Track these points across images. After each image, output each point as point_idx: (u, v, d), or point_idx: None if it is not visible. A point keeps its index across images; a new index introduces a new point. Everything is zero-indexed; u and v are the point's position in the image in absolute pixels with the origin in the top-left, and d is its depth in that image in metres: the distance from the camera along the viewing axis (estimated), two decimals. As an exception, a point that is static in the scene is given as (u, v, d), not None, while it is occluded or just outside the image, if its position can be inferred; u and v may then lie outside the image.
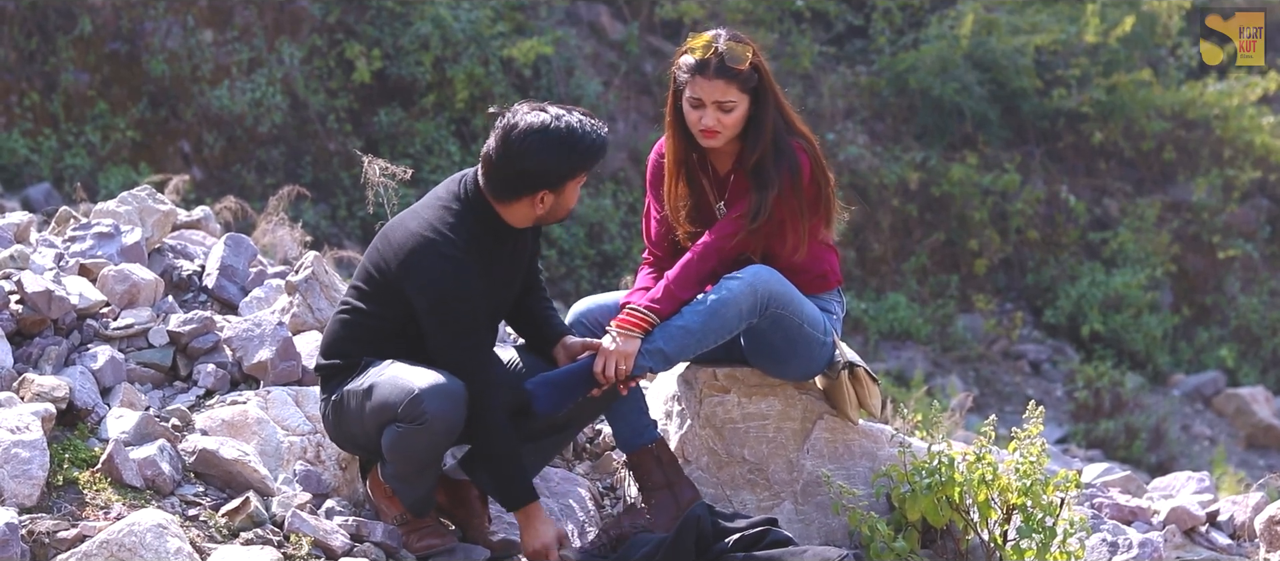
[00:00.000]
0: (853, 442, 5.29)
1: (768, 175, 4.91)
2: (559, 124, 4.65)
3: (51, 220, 6.35)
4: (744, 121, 4.94)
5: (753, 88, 4.91)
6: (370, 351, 4.72)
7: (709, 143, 4.96)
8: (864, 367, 5.15)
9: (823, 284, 5.13)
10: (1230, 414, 14.08)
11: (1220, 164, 15.88)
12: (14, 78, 12.55)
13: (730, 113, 4.91)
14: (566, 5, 14.94)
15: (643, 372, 4.86)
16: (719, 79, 4.88)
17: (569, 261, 13.60)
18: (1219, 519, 6.13)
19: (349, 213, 13.16)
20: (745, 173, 4.99)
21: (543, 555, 4.73)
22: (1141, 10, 16.15)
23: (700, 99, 4.91)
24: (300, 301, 5.68)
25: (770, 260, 5.00)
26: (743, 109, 4.92)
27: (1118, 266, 15.06)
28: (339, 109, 13.52)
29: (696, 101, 4.92)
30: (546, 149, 4.63)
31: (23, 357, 5.11)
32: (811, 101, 14.98)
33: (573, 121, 4.67)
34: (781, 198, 4.91)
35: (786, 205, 4.93)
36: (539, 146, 4.63)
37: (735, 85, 4.88)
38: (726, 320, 4.88)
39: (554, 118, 4.66)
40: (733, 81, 4.88)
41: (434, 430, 4.53)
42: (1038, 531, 4.89)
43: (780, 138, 4.94)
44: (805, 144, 4.98)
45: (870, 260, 14.93)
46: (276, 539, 4.58)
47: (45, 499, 4.49)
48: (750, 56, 4.89)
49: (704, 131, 4.93)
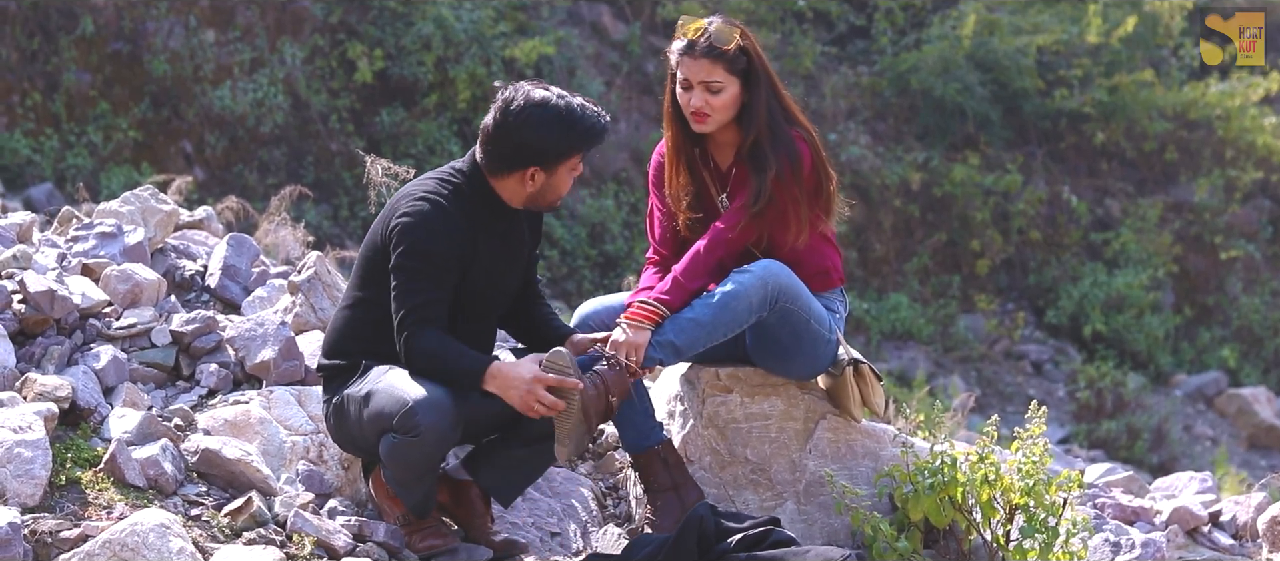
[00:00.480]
0: (855, 443, 5.28)
1: (764, 159, 4.92)
2: (559, 102, 4.67)
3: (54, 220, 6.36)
4: (737, 106, 4.95)
5: (742, 70, 4.92)
6: (370, 350, 4.72)
7: (700, 126, 4.97)
8: (868, 365, 5.15)
9: (825, 281, 5.13)
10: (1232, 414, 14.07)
11: (1222, 164, 15.87)
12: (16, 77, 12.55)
13: (718, 94, 4.92)
14: (568, 5, 14.94)
15: (653, 364, 4.86)
16: (705, 59, 4.90)
17: (571, 261, 13.60)
18: (1221, 519, 6.13)
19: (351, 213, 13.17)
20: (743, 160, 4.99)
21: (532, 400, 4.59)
22: (1143, 11, 16.15)
23: (689, 80, 4.93)
24: (303, 301, 5.68)
25: (772, 249, 5.01)
26: (733, 92, 4.92)
27: (1119, 267, 15.06)
28: (341, 109, 13.53)
29: (686, 83, 4.95)
30: (543, 123, 4.64)
31: (25, 357, 5.11)
32: (813, 102, 14.97)
33: (574, 102, 4.69)
34: (780, 182, 4.91)
35: (786, 191, 4.92)
36: (536, 120, 4.64)
37: (721, 65, 4.90)
38: (737, 313, 4.88)
39: (556, 96, 4.68)
40: (719, 62, 4.89)
41: (427, 442, 4.54)
42: (1040, 531, 4.89)
43: (776, 123, 4.94)
44: (805, 134, 4.99)
45: (872, 260, 14.93)
46: (279, 539, 4.58)
47: (48, 498, 4.49)
48: (737, 37, 4.90)
49: (694, 114, 4.94)
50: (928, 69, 15.40)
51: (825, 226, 5.10)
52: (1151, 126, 15.74)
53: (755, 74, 4.93)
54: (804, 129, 5.00)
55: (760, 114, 4.92)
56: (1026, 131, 15.78)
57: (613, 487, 5.55)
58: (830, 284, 5.15)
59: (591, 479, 5.54)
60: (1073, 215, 15.37)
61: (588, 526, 5.26)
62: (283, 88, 13.30)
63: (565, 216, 13.76)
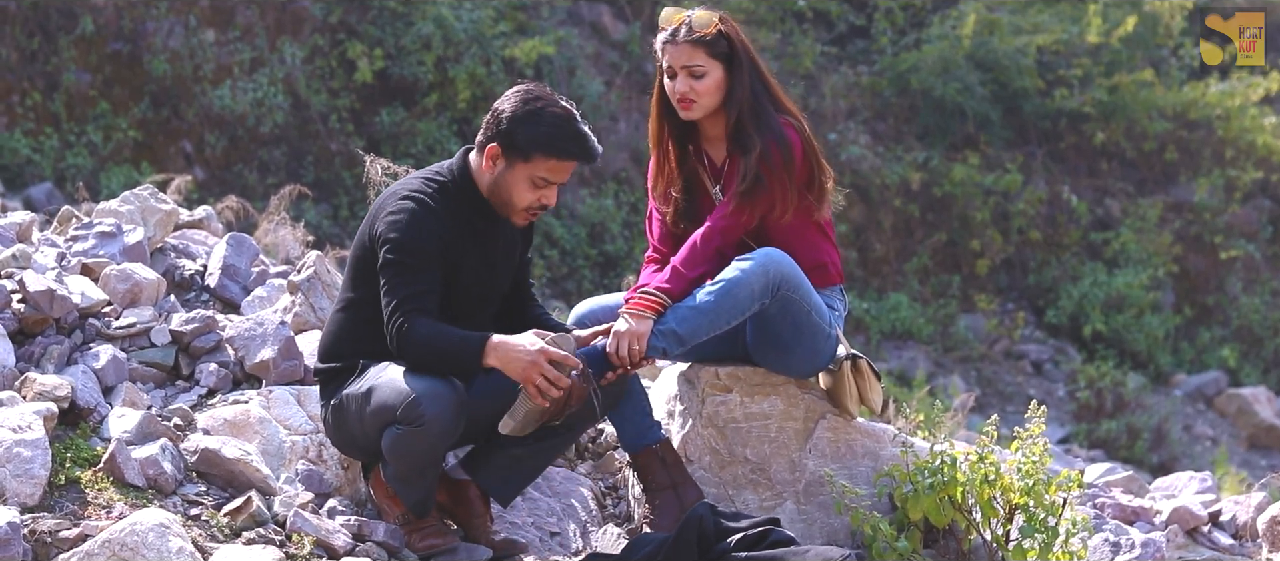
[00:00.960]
0: (855, 442, 5.28)
1: (748, 139, 4.97)
2: (558, 107, 4.67)
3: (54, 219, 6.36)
4: (722, 91, 5.00)
5: (723, 54, 4.99)
6: (366, 350, 4.72)
7: (686, 113, 5.03)
8: (867, 361, 5.16)
9: (823, 276, 5.13)
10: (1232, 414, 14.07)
11: (1222, 164, 15.87)
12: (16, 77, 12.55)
13: (701, 78, 4.98)
14: (568, 5, 14.94)
15: (656, 354, 4.86)
16: (686, 44, 4.98)
17: (571, 261, 13.60)
18: (1221, 519, 6.13)
19: (351, 212, 13.16)
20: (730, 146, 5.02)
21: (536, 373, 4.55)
22: (1143, 10, 16.15)
23: (672, 68, 5.00)
24: (302, 301, 5.68)
25: (763, 233, 5.02)
26: (716, 77, 4.98)
27: (1119, 266, 15.05)
28: (341, 109, 13.52)
29: (671, 71, 5.02)
30: (527, 107, 4.66)
31: (25, 357, 5.11)
32: (813, 102, 14.98)
33: (573, 116, 4.69)
34: (766, 161, 4.94)
35: (774, 173, 4.95)
36: (521, 99, 4.67)
37: (702, 50, 4.97)
38: (738, 301, 4.88)
39: (565, 104, 4.70)
40: (699, 47, 4.97)
41: (432, 432, 4.53)
42: (1040, 531, 4.89)
43: (761, 105, 5.00)
44: (795, 122, 5.02)
45: (872, 260, 14.92)
46: (278, 538, 4.58)
47: (47, 498, 4.49)
48: (716, 22, 4.98)
49: (680, 101, 5.01)
50: (928, 69, 15.40)
51: (819, 214, 5.11)
52: (1151, 126, 15.74)
53: (738, 59, 5.00)
54: (793, 117, 5.03)
55: (742, 96, 4.98)
56: (1026, 131, 15.78)
57: (612, 487, 5.55)
58: (828, 280, 5.16)
59: (591, 478, 5.54)
60: (1073, 215, 15.37)
61: (587, 526, 5.26)
62: (282, 87, 13.30)
63: (565, 216, 13.76)
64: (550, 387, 4.54)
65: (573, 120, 4.69)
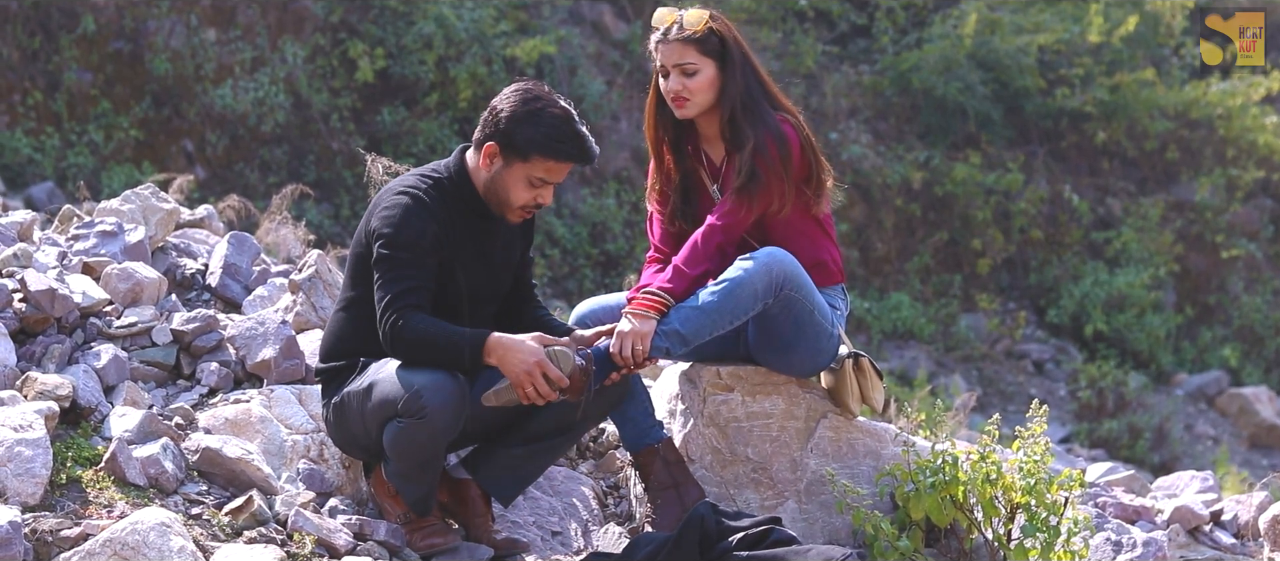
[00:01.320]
0: (856, 441, 5.28)
1: (743, 135, 4.99)
2: (553, 102, 4.66)
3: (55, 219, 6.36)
4: (715, 89, 5.02)
5: (715, 51, 5.01)
6: (367, 349, 4.72)
7: (681, 112, 5.05)
8: (868, 359, 5.16)
9: (823, 275, 5.13)
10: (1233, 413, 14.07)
11: (1223, 164, 15.88)
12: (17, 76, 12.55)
13: (693, 76, 5.00)
14: (569, 4, 14.94)
15: (659, 354, 4.86)
16: (677, 42, 5.00)
17: (572, 261, 13.60)
18: (1223, 518, 6.13)
19: (352, 212, 13.17)
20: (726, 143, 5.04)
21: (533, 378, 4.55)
22: (1145, 10, 16.15)
23: (665, 67, 5.03)
24: (303, 300, 5.68)
25: (762, 229, 5.03)
26: (709, 74, 5.00)
27: (1121, 266, 15.06)
28: (342, 108, 13.53)
29: (664, 70, 5.05)
30: (524, 105, 4.65)
31: (26, 356, 5.11)
32: (815, 101, 14.98)
33: (572, 118, 4.68)
34: (762, 155, 4.94)
35: (770, 167, 4.95)
36: (520, 99, 4.66)
37: (693, 47, 4.99)
38: (741, 300, 4.88)
39: (565, 105, 4.69)
40: (691, 44, 4.99)
41: (434, 424, 4.53)
42: (1042, 530, 4.89)
43: (754, 100, 5.01)
44: (792, 119, 5.03)
45: (873, 260, 14.92)
46: (279, 537, 4.57)
47: (48, 497, 4.49)
48: (707, 19, 5.00)
49: (674, 99, 5.04)
50: (929, 68, 15.40)
51: (817, 210, 5.11)
52: (1153, 126, 15.75)
53: (730, 56, 5.02)
54: (789, 113, 5.04)
55: (735, 92, 5.00)
56: (1028, 131, 15.78)
57: (614, 486, 5.55)
58: (829, 279, 5.16)
59: (592, 477, 5.54)
60: (1074, 214, 15.37)
61: (589, 525, 5.25)
62: (284, 87, 13.30)
63: (566, 216, 13.76)
64: (537, 398, 4.56)
65: (571, 121, 4.68)
